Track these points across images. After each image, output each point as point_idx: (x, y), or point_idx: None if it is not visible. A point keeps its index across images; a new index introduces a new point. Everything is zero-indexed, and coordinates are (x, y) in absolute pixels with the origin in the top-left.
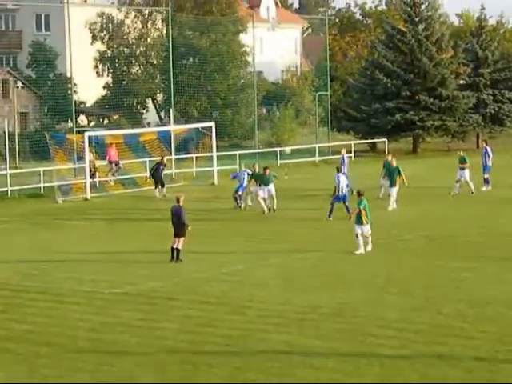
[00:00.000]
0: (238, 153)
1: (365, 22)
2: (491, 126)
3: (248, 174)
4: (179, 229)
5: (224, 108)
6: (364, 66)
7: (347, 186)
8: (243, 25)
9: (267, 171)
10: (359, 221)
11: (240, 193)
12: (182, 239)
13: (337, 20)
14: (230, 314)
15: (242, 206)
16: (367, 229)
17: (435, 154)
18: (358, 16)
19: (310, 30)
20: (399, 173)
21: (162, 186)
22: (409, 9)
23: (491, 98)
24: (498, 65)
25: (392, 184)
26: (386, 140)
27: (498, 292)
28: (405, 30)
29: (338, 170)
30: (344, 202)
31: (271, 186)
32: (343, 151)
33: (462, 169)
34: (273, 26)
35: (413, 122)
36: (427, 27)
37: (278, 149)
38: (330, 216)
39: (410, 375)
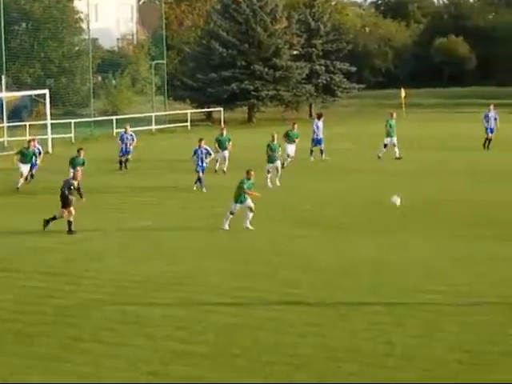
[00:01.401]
0: (72, 121)
1: None
2: (323, 96)
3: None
4: (62, 200)
5: (58, 75)
6: (200, 35)
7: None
8: None
9: (31, 144)
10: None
11: None
12: (69, 209)
13: None
14: (65, 284)
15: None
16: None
17: (270, 123)
18: None
19: None
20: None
21: None
22: None
23: (323, 68)
24: (329, 36)
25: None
26: (221, 109)
27: (331, 259)
28: None
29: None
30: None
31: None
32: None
33: (292, 142)
34: None
35: (248, 92)
36: None
37: (113, 117)
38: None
39: (244, 340)
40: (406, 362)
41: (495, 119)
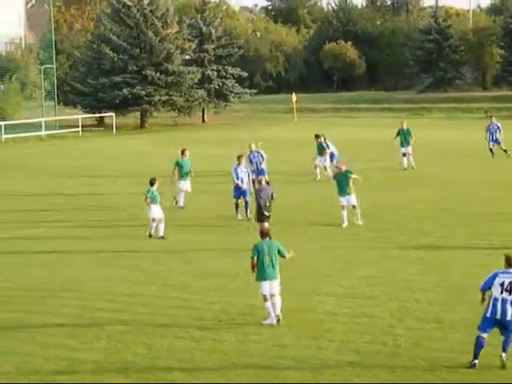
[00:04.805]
0: None
1: None
2: (216, 101)
3: None
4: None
5: None
6: (90, 39)
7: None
8: None
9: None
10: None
11: None
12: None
13: None
14: None
15: None
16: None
17: (163, 128)
18: None
19: (34, 1)
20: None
21: None
22: None
23: (215, 73)
24: (221, 41)
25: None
26: (113, 114)
27: (219, 264)
28: (130, 3)
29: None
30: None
31: None
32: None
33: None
34: None
35: (140, 97)
36: (152, 2)
37: (2, 123)
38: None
39: (137, 347)
40: (297, 364)
41: (499, 129)
